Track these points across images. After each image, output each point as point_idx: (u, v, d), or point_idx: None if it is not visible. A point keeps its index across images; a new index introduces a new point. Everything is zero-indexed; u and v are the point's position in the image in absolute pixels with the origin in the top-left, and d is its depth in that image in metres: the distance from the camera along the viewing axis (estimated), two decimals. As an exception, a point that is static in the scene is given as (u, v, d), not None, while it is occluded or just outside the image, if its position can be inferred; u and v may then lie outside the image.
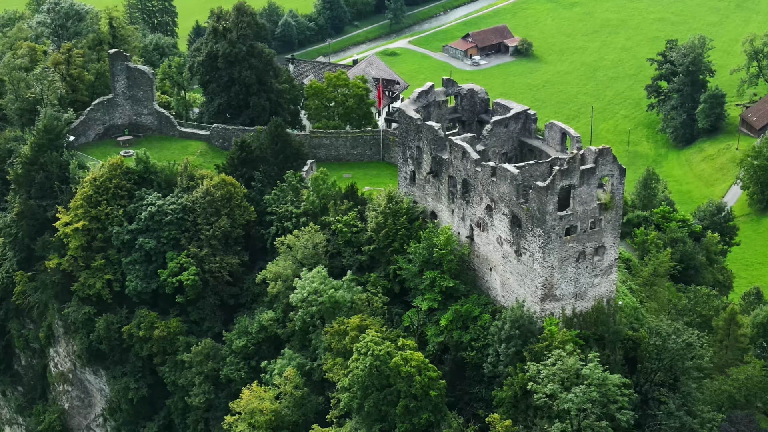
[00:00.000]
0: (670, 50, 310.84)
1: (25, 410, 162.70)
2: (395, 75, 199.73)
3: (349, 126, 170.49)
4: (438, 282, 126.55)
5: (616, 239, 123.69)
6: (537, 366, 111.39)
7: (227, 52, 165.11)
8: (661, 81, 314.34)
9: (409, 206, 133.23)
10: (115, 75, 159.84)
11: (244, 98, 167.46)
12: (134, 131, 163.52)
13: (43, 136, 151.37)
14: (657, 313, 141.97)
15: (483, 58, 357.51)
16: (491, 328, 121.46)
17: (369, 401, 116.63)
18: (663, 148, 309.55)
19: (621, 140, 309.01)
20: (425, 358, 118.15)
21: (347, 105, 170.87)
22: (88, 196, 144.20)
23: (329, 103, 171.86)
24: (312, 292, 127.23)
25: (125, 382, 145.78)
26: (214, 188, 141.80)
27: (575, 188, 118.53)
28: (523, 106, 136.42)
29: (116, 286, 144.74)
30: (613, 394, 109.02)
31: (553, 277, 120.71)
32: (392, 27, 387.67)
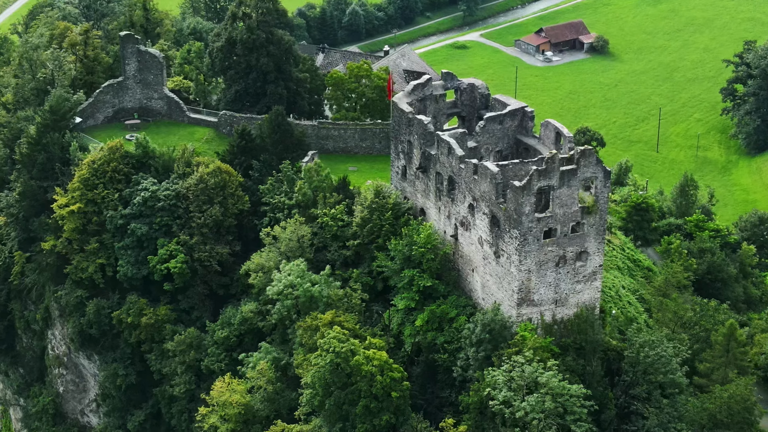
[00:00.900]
0: (747, 51, 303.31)
1: (24, 392, 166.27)
2: (427, 67, 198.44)
3: (369, 118, 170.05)
4: (416, 281, 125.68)
5: (601, 245, 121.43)
6: (495, 372, 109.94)
7: (245, 38, 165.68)
8: (737, 84, 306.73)
9: (395, 202, 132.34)
10: (126, 58, 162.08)
11: (261, 86, 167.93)
12: (144, 115, 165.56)
13: (48, 117, 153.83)
14: (661, 325, 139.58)
15: (555, 54, 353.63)
16: (464, 331, 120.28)
17: (330, 399, 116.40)
18: (734, 154, 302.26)
19: (690, 145, 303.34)
20: (390, 358, 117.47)
21: (368, 96, 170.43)
22: (85, 179, 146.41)
23: (350, 94, 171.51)
24: (288, 285, 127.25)
25: (114, 368, 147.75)
26: (208, 176, 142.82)
27: (554, 190, 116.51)
28: (521, 103, 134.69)
29: (109, 270, 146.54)
30: (571, 404, 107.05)
31: (530, 281, 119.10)
32: (465, 19, 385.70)
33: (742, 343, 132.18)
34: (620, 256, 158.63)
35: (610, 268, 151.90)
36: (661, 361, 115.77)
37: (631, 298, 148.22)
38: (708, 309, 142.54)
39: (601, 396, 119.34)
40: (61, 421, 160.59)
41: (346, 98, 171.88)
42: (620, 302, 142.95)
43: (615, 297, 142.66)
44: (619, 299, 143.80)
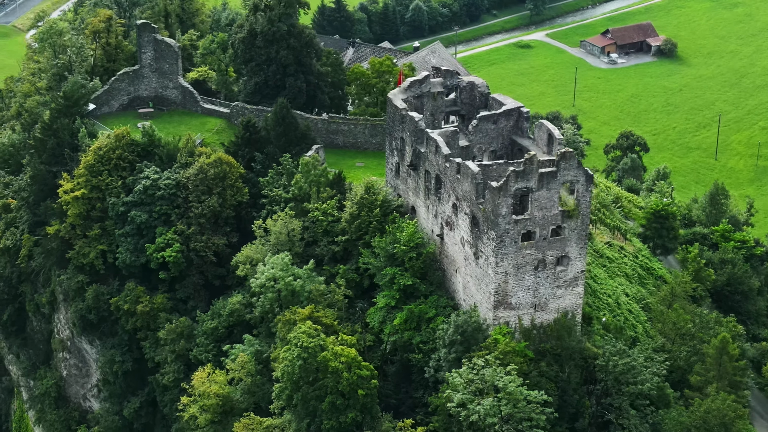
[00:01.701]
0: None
1: (31, 374, 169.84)
2: (458, 65, 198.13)
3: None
4: (397, 279, 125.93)
5: (583, 250, 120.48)
6: (455, 374, 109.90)
7: (266, 29, 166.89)
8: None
9: (384, 199, 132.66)
10: (142, 46, 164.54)
11: (281, 78, 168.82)
12: (159, 104, 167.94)
13: (61, 103, 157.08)
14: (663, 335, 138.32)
15: (621, 56, 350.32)
16: (438, 331, 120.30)
17: (298, 394, 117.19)
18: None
19: (752, 153, 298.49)
20: (359, 356, 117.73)
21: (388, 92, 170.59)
22: (91, 165, 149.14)
23: (372, 90, 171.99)
24: (270, 278, 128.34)
25: (111, 354, 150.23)
26: (208, 166, 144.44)
27: (533, 192, 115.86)
28: (517, 103, 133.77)
29: (110, 257, 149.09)
30: (528, 411, 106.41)
31: (507, 283, 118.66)
32: (532, 18, 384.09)
33: (734, 357, 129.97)
34: (631, 263, 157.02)
35: (616, 275, 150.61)
36: (631, 371, 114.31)
37: (633, 307, 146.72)
38: (708, 321, 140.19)
39: (577, 404, 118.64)
40: (64, 404, 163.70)
41: (368, 93, 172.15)
42: (618, 310, 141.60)
43: (613, 305, 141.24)
44: (618, 307, 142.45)
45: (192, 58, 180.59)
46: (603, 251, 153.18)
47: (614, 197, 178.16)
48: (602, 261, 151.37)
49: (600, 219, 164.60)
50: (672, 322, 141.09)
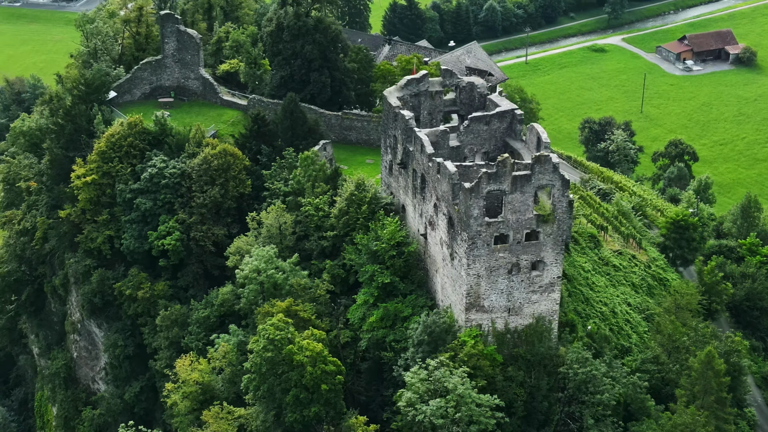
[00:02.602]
0: None
1: (46, 354, 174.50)
2: (494, 66, 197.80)
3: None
4: (376, 277, 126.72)
5: (559, 255, 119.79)
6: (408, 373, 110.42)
7: (292, 24, 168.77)
8: None
9: (373, 196, 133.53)
10: (165, 37, 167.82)
11: (306, 73, 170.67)
12: (180, 94, 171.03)
13: (82, 90, 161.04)
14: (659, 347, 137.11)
15: (697, 63, 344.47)
16: (408, 331, 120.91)
17: (264, 386, 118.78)
18: None
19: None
20: (326, 350, 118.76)
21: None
22: (102, 152, 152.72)
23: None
24: (254, 270, 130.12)
25: (114, 338, 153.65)
26: (212, 157, 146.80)
27: (506, 194, 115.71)
28: (512, 105, 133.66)
29: (117, 243, 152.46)
30: (477, 414, 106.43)
31: (479, 286, 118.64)
32: (610, 22, 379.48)
33: (720, 372, 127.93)
34: (642, 273, 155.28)
35: (621, 284, 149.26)
36: (592, 381, 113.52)
37: (633, 317, 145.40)
38: (704, 335, 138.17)
39: (547, 411, 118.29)
40: (74, 385, 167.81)
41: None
42: (613, 319, 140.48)
43: (608, 314, 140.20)
44: (614, 316, 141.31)
45: (222, 50, 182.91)
46: (609, 259, 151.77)
47: (636, 205, 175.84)
48: (607, 269, 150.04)
49: (615, 227, 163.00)
50: (667, 334, 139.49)
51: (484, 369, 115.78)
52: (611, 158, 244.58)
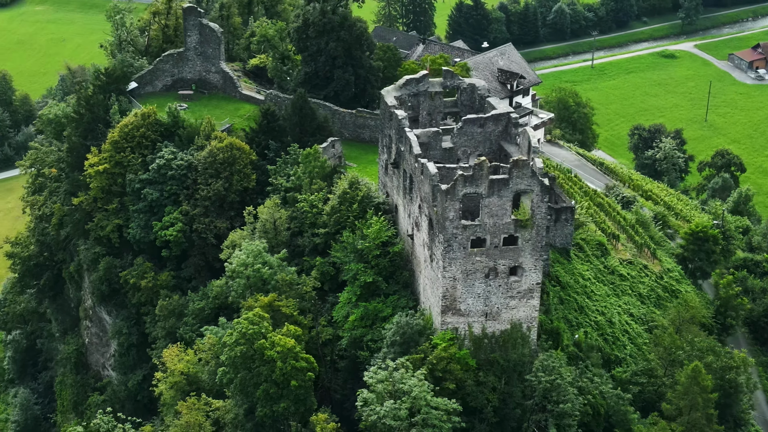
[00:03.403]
0: None
1: (62, 339, 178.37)
2: (527, 69, 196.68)
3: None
4: (359, 276, 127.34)
5: (538, 262, 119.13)
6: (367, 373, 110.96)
7: (317, 20, 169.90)
8: None
9: (365, 195, 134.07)
10: (188, 30, 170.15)
11: (330, 70, 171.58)
12: (202, 87, 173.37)
13: (103, 79, 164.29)
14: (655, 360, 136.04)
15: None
16: (383, 331, 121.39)
17: (237, 380, 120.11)
18: None
19: None
20: (297, 346, 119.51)
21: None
22: (115, 141, 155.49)
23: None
24: (241, 264, 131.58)
25: (119, 326, 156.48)
26: (218, 150, 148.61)
27: (483, 198, 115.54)
28: (508, 108, 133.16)
29: (126, 232, 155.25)
30: (432, 417, 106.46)
31: (455, 289, 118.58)
32: (684, 28, 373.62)
33: (706, 388, 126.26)
34: (651, 283, 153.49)
35: (626, 293, 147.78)
36: (557, 390, 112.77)
37: (634, 327, 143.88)
38: (700, 349, 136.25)
39: (519, 419, 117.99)
40: (84, 371, 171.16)
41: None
42: (608, 329, 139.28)
43: (603, 323, 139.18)
44: (610, 325, 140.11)
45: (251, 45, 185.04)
46: (616, 268, 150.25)
47: (659, 214, 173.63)
48: (611, 278, 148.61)
49: (630, 236, 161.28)
50: (664, 347, 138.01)
51: (455, 373, 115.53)
52: (658, 166, 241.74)
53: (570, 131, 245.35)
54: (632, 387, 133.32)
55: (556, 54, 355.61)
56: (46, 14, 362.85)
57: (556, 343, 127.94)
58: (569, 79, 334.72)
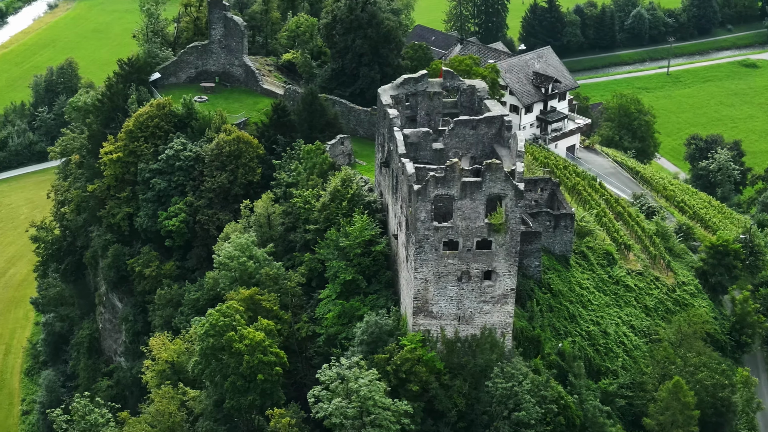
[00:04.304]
0: None
1: (79, 324, 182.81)
2: (565, 73, 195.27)
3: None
4: (340, 273, 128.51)
5: (512, 267, 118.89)
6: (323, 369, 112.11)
7: (345, 17, 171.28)
8: None
9: (356, 192, 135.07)
10: (213, 23, 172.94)
11: (356, 68, 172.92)
12: (225, 80, 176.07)
13: (126, 69, 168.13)
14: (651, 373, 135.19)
15: None
16: (354, 330, 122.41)
17: (208, 371, 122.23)
18: None
19: None
20: (267, 340, 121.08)
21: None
22: (130, 131, 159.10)
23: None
24: (227, 256, 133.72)
25: (126, 313, 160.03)
26: (224, 143, 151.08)
27: (456, 200, 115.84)
28: (503, 111, 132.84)
29: (135, 220, 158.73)
30: (382, 418, 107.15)
31: (427, 291, 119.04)
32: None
33: (688, 405, 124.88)
34: (661, 296, 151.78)
35: (628, 305, 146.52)
36: (513, 398, 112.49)
37: (632, 339, 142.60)
38: (693, 365, 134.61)
39: (486, 424, 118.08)
40: (97, 356, 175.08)
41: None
42: (601, 340, 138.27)
43: (596, 333, 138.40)
44: (605, 336, 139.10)
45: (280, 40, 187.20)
46: (622, 278, 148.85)
47: (682, 225, 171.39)
48: (615, 288, 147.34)
49: (644, 246, 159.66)
50: (657, 360, 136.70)
51: (420, 375, 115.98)
52: (712, 178, 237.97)
53: (629, 138, 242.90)
54: (619, 400, 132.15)
55: (632, 60, 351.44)
56: (124, 3, 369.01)
57: (537, 351, 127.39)
58: (642, 86, 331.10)
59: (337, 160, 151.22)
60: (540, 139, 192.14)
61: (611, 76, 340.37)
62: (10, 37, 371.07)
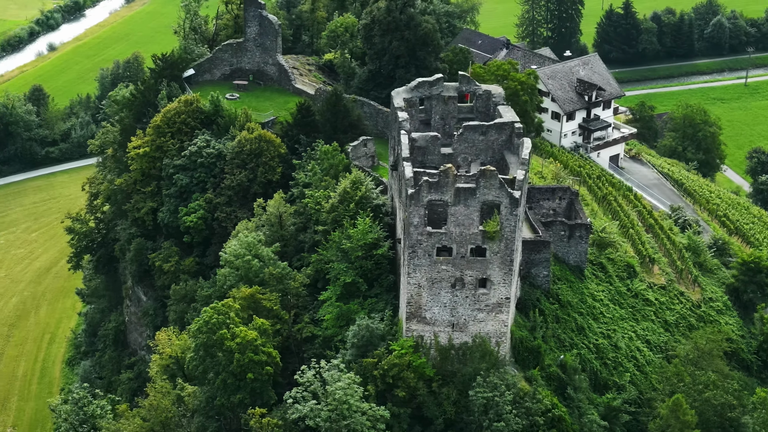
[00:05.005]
0: None
1: (107, 316, 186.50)
2: (611, 81, 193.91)
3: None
4: (340, 276, 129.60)
5: (507, 276, 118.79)
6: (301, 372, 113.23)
7: (383, 18, 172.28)
8: None
9: (364, 195, 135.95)
10: (248, 21, 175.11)
11: (392, 69, 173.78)
12: (258, 78, 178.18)
13: (159, 65, 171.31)
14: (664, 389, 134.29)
15: None
16: (347, 333, 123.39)
17: (201, 367, 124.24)
18: None
19: None
20: (260, 339, 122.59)
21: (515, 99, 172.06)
22: (157, 126, 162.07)
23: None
24: (232, 254, 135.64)
25: (147, 307, 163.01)
26: (246, 141, 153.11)
27: (449, 206, 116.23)
28: (514, 118, 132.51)
29: (159, 215, 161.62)
30: (357, 422, 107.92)
31: (420, 296, 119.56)
32: None
33: (688, 423, 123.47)
34: (684, 311, 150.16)
35: (645, 319, 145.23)
36: (495, 408, 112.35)
37: (645, 354, 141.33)
38: (701, 382, 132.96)
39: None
40: (122, 348, 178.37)
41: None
42: (611, 354, 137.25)
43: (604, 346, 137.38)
44: (614, 350, 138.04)
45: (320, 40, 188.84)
46: (641, 292, 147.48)
47: (717, 240, 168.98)
48: (633, 302, 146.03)
49: (672, 260, 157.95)
50: (667, 377, 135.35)
51: (407, 381, 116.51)
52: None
53: (693, 150, 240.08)
54: (623, 415, 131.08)
55: (710, 69, 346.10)
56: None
57: (536, 362, 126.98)
58: (718, 96, 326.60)
59: (360, 162, 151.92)
60: (581, 148, 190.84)
61: (686, 86, 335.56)
62: (86, 30, 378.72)
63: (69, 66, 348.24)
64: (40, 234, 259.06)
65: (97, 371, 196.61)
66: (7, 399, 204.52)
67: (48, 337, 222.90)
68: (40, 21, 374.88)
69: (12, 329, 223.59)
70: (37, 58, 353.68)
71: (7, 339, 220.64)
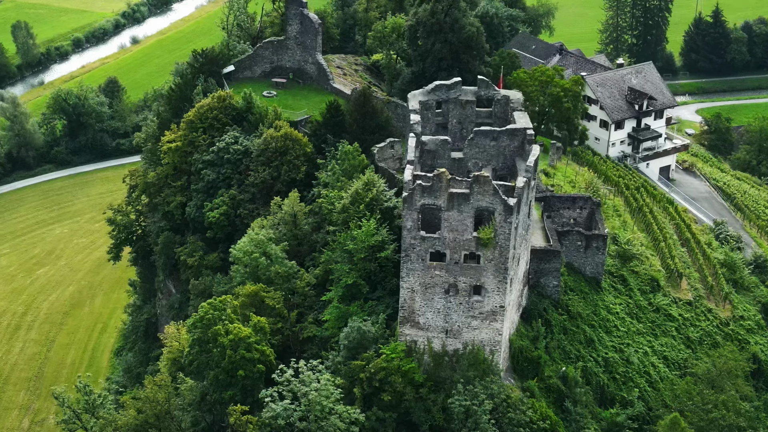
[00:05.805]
0: None
1: (142, 308, 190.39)
2: (664, 91, 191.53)
3: (542, 126, 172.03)
4: (343, 277, 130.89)
5: (501, 284, 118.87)
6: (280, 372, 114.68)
7: (427, 20, 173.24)
8: None
9: (375, 197, 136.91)
10: (289, 19, 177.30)
11: (435, 72, 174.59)
12: (298, 77, 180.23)
13: (198, 60, 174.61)
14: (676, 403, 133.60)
15: None
16: (341, 335, 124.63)
17: (196, 363, 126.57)
18: None
19: None
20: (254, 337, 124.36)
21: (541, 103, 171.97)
22: (190, 121, 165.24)
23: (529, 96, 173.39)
24: (240, 251, 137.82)
25: (173, 301, 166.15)
26: (272, 139, 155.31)
27: (443, 211, 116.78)
28: (527, 125, 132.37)
29: (186, 209, 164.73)
30: (329, 424, 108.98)
31: (414, 301, 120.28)
32: None
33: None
34: (710, 329, 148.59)
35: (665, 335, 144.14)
36: (472, 417, 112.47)
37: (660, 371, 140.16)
38: (709, 402, 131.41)
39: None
40: (153, 341, 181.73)
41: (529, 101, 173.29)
42: (621, 368, 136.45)
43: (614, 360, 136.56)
44: (625, 364, 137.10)
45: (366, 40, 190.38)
46: (663, 306, 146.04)
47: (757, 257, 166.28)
48: (653, 316, 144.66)
49: (703, 276, 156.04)
50: (678, 395, 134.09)
51: (394, 385, 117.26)
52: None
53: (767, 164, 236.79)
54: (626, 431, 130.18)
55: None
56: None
57: (535, 373, 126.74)
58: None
59: (386, 164, 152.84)
60: (629, 158, 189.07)
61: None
62: (171, 24, 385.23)
63: (149, 59, 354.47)
64: (102, 224, 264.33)
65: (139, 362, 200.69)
66: (53, 386, 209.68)
67: (100, 326, 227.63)
68: (126, 14, 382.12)
69: (66, 317, 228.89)
70: (120, 50, 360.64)
71: (60, 327, 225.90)
